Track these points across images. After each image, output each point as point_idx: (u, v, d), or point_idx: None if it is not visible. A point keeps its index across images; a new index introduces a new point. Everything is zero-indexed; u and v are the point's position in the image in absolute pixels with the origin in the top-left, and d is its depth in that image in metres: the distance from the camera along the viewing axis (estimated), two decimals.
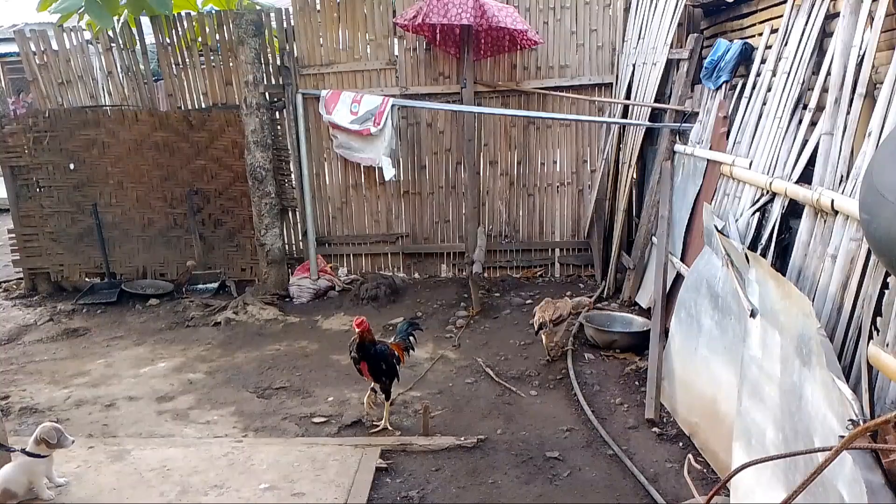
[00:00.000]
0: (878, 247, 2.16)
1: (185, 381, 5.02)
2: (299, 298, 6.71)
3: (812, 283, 3.04)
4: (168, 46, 6.88)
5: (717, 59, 4.79)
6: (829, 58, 3.38)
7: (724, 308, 3.60)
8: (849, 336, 2.71)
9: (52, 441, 3.39)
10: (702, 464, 3.62)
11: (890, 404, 2.42)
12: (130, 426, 4.34)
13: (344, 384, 4.82)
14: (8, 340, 6.03)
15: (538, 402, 4.49)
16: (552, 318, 4.93)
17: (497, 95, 6.81)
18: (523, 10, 6.52)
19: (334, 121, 6.53)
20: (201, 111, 6.95)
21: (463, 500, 3.45)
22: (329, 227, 7.25)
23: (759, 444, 2.93)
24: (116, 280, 7.15)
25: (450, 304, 6.43)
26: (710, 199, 4.48)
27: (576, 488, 3.51)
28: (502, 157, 6.99)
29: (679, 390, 4.12)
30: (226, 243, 7.18)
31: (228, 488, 3.52)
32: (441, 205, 7.13)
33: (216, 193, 7.06)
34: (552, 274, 7.17)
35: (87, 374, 5.21)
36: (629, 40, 6.35)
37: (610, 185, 6.60)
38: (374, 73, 6.81)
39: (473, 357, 5.22)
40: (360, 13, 6.68)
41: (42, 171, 7.08)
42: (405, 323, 4.61)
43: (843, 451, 2.02)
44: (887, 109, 2.73)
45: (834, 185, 3.03)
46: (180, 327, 6.18)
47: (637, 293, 5.94)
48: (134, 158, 7.01)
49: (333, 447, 3.89)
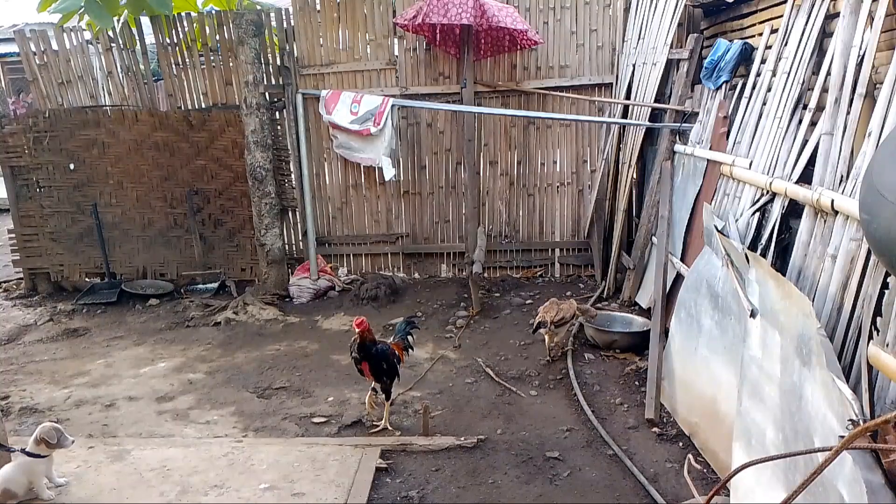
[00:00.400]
0: (878, 247, 2.16)
1: (185, 381, 5.02)
2: (299, 298, 6.71)
3: (812, 283, 3.04)
4: (168, 46, 6.88)
5: (717, 59, 4.79)
6: (829, 58, 3.38)
7: (724, 308, 3.60)
8: (849, 336, 2.71)
9: (52, 441, 3.39)
10: (702, 464, 3.62)
11: (890, 404, 2.42)
12: (130, 426, 4.34)
13: (344, 384, 4.82)
14: (8, 340, 6.04)
15: (538, 402, 4.49)
16: (554, 319, 4.92)
17: (497, 95, 6.81)
18: (523, 10, 6.52)
19: (334, 121, 6.54)
20: (201, 111, 6.95)
21: (463, 500, 3.45)
22: (329, 227, 7.26)
23: (759, 444, 2.92)
24: (116, 280, 7.16)
25: (450, 304, 6.43)
26: (710, 199, 4.48)
27: (576, 488, 3.51)
28: (502, 157, 6.99)
29: (679, 390, 4.12)
30: (226, 243, 7.18)
31: (228, 488, 3.52)
32: (441, 205, 7.13)
33: (216, 193, 7.06)
34: (552, 274, 7.17)
35: (87, 374, 5.21)
36: (629, 40, 6.35)
37: (610, 185, 6.60)
38: (374, 73, 6.81)
39: (473, 357, 5.22)
40: (360, 13, 6.68)
41: (42, 171, 7.08)
42: (403, 322, 4.61)
43: (843, 451, 2.02)
44: (887, 109, 2.73)
45: (834, 185, 3.03)
46: (180, 327, 6.18)
47: (637, 293, 5.94)
48: (134, 158, 7.01)
49: (333, 447, 3.89)
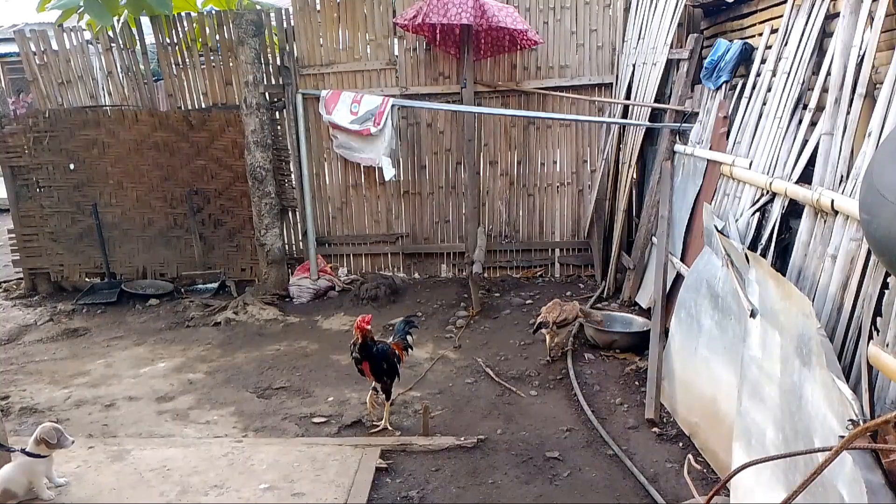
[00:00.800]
0: (878, 247, 2.16)
1: (185, 381, 5.02)
2: (299, 298, 6.71)
3: (812, 283, 3.04)
4: (168, 46, 6.88)
5: (717, 59, 4.79)
6: (829, 58, 3.38)
7: (724, 308, 3.60)
8: (849, 336, 2.71)
9: (52, 441, 3.39)
10: (702, 464, 3.62)
11: (890, 404, 2.42)
12: (130, 426, 4.34)
13: (344, 384, 4.82)
14: (8, 340, 6.04)
15: (538, 402, 4.49)
16: (556, 319, 4.92)
17: (497, 95, 6.81)
18: (523, 10, 6.52)
19: (334, 121, 6.53)
20: (201, 111, 6.95)
21: (463, 500, 3.45)
22: (329, 227, 7.25)
23: (759, 444, 2.92)
24: (116, 280, 7.16)
25: (450, 304, 6.43)
26: (710, 199, 4.48)
27: (576, 488, 3.51)
28: (502, 157, 6.99)
29: (679, 390, 4.12)
30: (226, 243, 7.18)
31: (228, 488, 3.52)
32: (441, 205, 7.13)
33: (216, 193, 7.06)
34: (552, 274, 7.17)
35: (87, 374, 5.21)
36: (629, 40, 6.35)
37: (610, 185, 6.60)
38: (374, 73, 6.81)
39: (473, 357, 5.22)
40: (360, 13, 6.68)
41: (42, 171, 7.08)
42: (402, 322, 4.61)
43: (843, 451, 2.02)
44: (887, 109, 2.73)
45: (834, 185, 3.03)
46: (180, 327, 6.18)
47: (637, 293, 5.94)
48: (134, 158, 7.01)
49: (333, 447, 3.89)
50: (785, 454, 2.50)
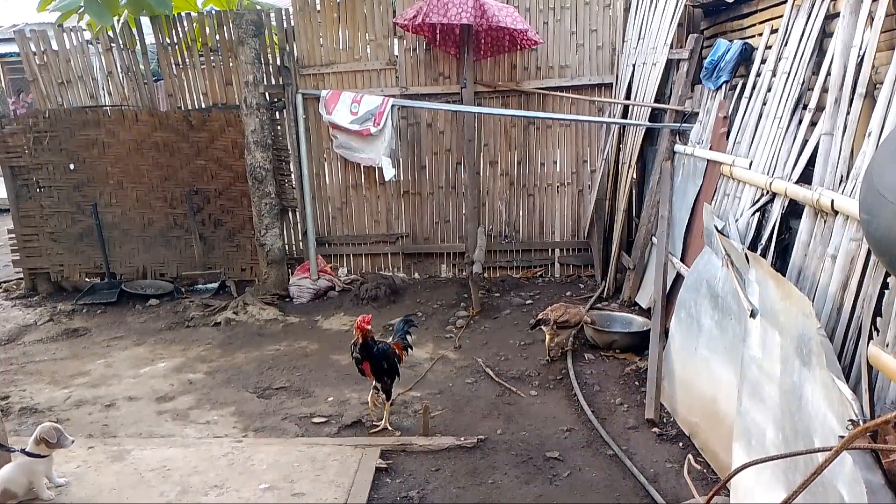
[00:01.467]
0: (878, 247, 2.16)
1: (185, 381, 5.02)
2: (299, 298, 6.71)
3: (812, 283, 3.04)
4: (168, 46, 6.88)
5: (717, 60, 4.79)
6: (829, 58, 3.38)
7: (724, 308, 3.60)
8: (849, 336, 2.71)
9: (52, 441, 3.39)
10: (702, 464, 3.62)
11: (890, 404, 2.42)
12: (130, 426, 4.34)
13: (344, 384, 4.82)
14: (8, 340, 6.04)
15: (538, 402, 4.49)
16: (558, 319, 4.92)
17: (497, 95, 6.81)
18: (523, 10, 6.51)
19: (334, 121, 6.53)
20: (201, 111, 6.95)
21: (463, 500, 3.45)
22: (329, 227, 7.25)
23: (759, 444, 2.93)
24: (116, 280, 7.15)
25: (450, 304, 6.43)
26: (710, 199, 4.48)
27: (576, 488, 3.51)
28: (502, 157, 6.99)
29: (679, 390, 4.12)
30: (226, 243, 7.18)
31: (228, 488, 3.52)
32: (441, 205, 7.13)
33: (216, 193, 7.06)
34: (552, 274, 7.17)
35: (87, 374, 5.21)
36: (629, 40, 6.35)
37: (610, 185, 6.60)
38: (374, 73, 6.81)
39: (473, 357, 5.22)
40: (360, 13, 6.68)
41: (42, 171, 7.08)
42: (401, 322, 4.61)
43: (843, 451, 2.02)
44: (887, 109, 2.73)
45: (834, 186, 3.03)
46: (180, 327, 6.18)
47: (637, 293, 5.94)
48: (134, 158, 7.01)
49: (333, 447, 3.89)
50: (785, 454, 2.50)
